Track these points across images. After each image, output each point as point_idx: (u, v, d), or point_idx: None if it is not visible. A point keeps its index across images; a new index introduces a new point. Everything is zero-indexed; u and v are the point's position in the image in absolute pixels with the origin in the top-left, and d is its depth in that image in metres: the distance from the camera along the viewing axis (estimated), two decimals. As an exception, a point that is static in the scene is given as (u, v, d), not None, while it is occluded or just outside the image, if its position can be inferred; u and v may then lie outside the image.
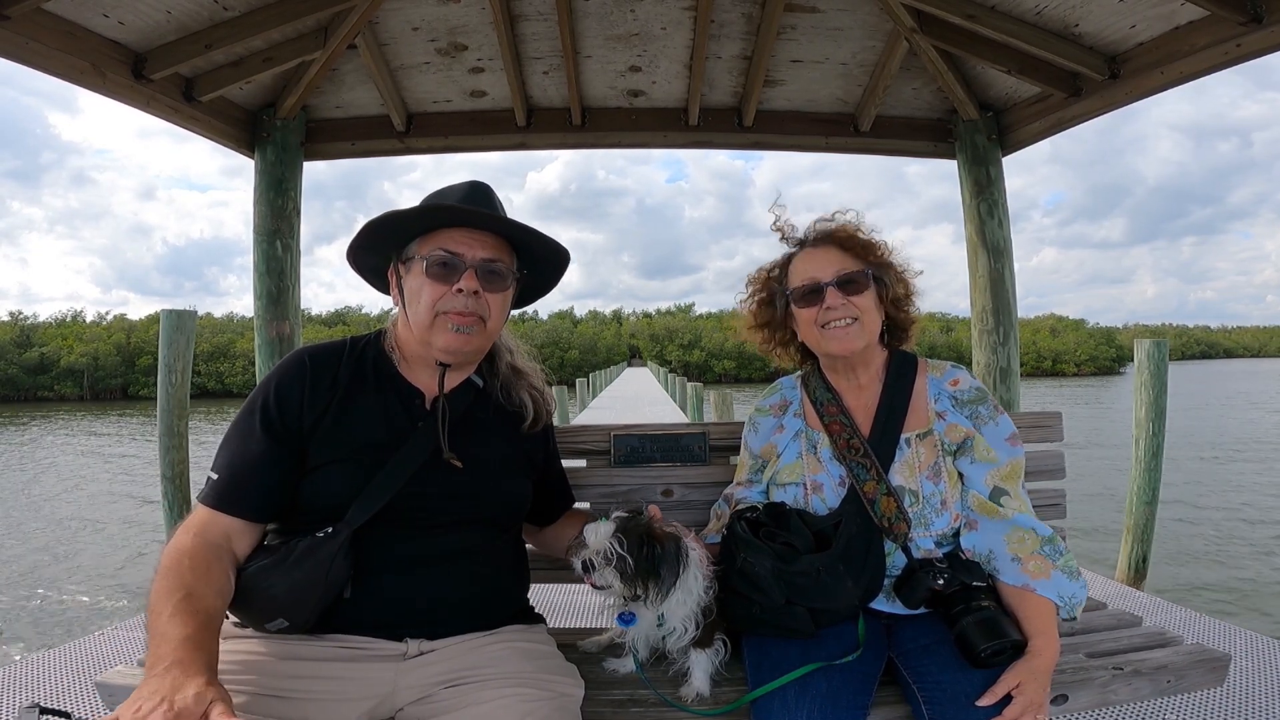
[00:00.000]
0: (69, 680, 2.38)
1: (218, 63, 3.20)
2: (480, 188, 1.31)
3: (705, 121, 3.91)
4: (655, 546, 1.23)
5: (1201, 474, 11.57)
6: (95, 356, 65.25)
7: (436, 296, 1.24)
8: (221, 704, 0.86)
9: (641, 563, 1.21)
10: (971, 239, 3.82)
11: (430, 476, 1.23)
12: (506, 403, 1.41)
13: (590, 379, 25.39)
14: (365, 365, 1.31)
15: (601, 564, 1.22)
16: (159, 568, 1.06)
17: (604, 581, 1.23)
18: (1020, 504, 1.33)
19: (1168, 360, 4.46)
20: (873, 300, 1.44)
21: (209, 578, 1.06)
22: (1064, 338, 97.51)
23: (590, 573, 1.23)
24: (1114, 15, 2.93)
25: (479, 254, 1.26)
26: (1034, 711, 1.11)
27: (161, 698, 0.84)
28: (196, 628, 0.96)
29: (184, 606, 0.98)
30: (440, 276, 1.24)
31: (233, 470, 1.17)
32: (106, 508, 10.34)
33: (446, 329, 1.25)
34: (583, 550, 1.24)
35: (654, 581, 1.22)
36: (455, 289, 1.24)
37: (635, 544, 1.21)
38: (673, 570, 1.23)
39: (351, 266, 1.36)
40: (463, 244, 1.25)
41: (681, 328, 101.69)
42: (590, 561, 1.23)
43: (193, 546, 1.08)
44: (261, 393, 1.23)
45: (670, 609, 1.28)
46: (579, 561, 1.24)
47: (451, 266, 1.24)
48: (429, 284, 1.24)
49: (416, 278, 1.26)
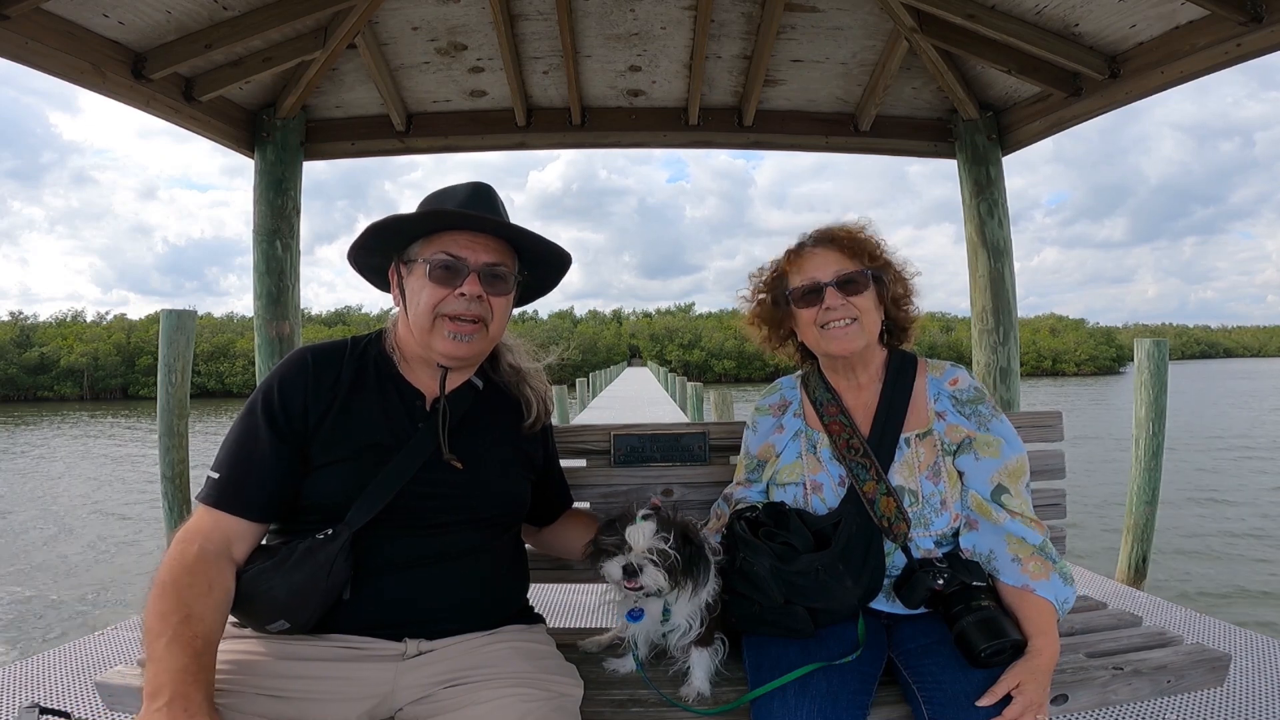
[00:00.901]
0: (69, 680, 2.38)
1: (218, 63, 3.20)
2: (483, 190, 1.31)
3: (705, 121, 3.91)
4: (694, 545, 1.23)
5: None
6: (95, 356, 65.25)
7: (438, 299, 1.24)
8: None
9: (686, 558, 1.20)
10: (971, 239, 3.82)
11: (430, 477, 1.23)
12: (506, 402, 1.41)
13: (590, 379, 25.38)
14: (367, 365, 1.31)
15: (648, 565, 1.19)
16: (157, 581, 1.05)
17: (651, 582, 1.20)
18: (1021, 503, 1.33)
19: (1168, 360, 4.46)
20: (872, 300, 1.44)
21: (210, 597, 1.05)
22: (1064, 337, 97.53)
23: (636, 576, 1.20)
24: (1114, 15, 2.92)
25: (482, 258, 1.26)
26: (1034, 711, 1.11)
27: None
28: (194, 656, 0.96)
29: (183, 632, 0.98)
30: (443, 280, 1.24)
31: (234, 468, 1.16)
32: (106, 507, 10.34)
33: (445, 335, 1.25)
34: (628, 554, 1.21)
35: (695, 575, 1.22)
36: (458, 293, 1.24)
37: (680, 540, 1.21)
38: (709, 562, 1.24)
39: (352, 266, 1.36)
40: (466, 248, 1.25)
41: (681, 327, 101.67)
42: (637, 565, 1.20)
43: (194, 560, 1.07)
44: (264, 391, 1.23)
45: (677, 605, 1.28)
46: (619, 566, 1.21)
47: (454, 270, 1.24)
48: (431, 287, 1.24)
49: (418, 280, 1.26)
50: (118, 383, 65.62)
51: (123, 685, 1.29)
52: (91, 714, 2.11)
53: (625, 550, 1.22)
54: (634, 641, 1.39)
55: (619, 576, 1.22)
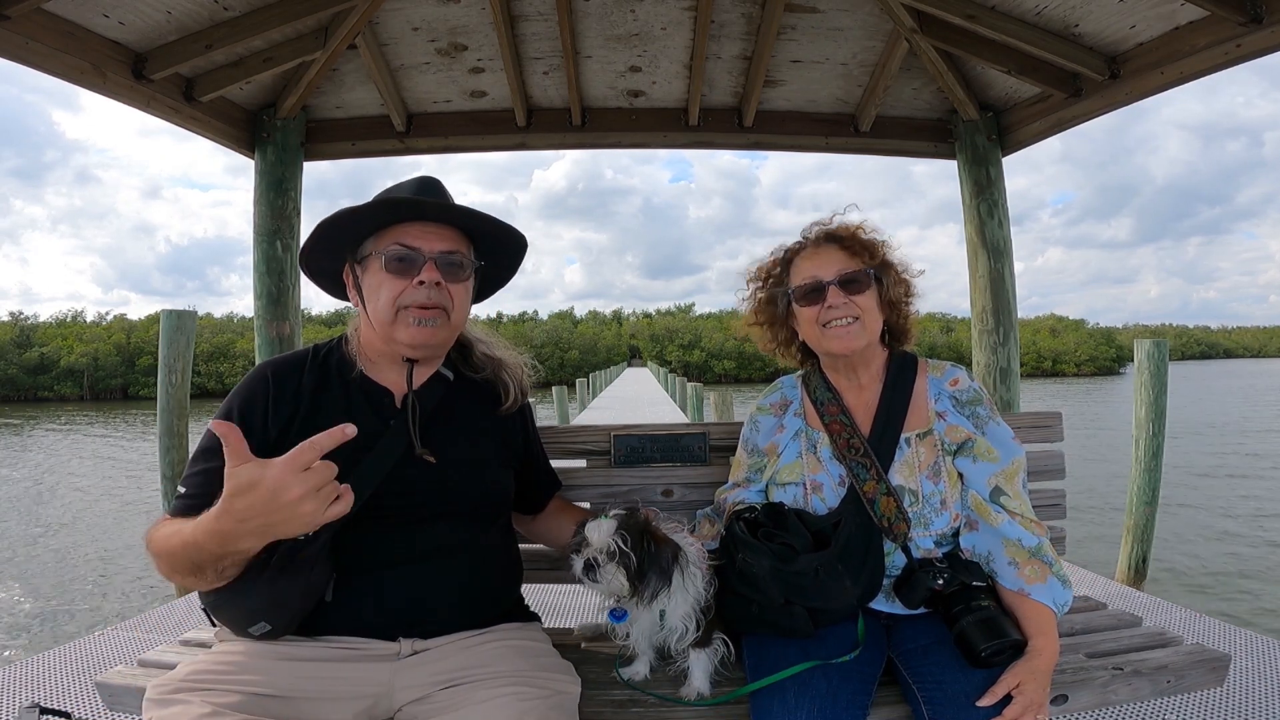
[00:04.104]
0: (69, 680, 2.38)
1: (218, 63, 3.20)
2: (430, 182, 1.30)
3: (705, 122, 3.92)
4: (654, 544, 1.23)
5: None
6: (95, 357, 65.29)
7: (397, 291, 1.23)
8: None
9: (644, 559, 1.20)
10: (971, 239, 3.82)
11: (406, 474, 1.23)
12: (480, 392, 1.41)
13: (590, 379, 25.38)
14: (329, 371, 1.31)
15: (606, 561, 1.20)
16: (154, 547, 1.09)
17: (610, 580, 1.20)
18: (1020, 504, 1.33)
19: (1168, 360, 4.46)
20: (874, 300, 1.44)
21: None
22: (1064, 338, 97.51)
23: (595, 571, 1.21)
24: (1114, 15, 2.93)
25: (436, 246, 1.25)
26: (1034, 711, 1.11)
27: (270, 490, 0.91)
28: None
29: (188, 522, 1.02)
30: (400, 271, 1.23)
31: (200, 486, 1.15)
32: (106, 507, 10.33)
33: (409, 323, 1.24)
34: (586, 549, 1.23)
35: (652, 580, 1.21)
36: (416, 282, 1.23)
37: (637, 540, 1.21)
38: (667, 570, 1.23)
39: (304, 271, 1.35)
40: (419, 238, 1.24)
41: (682, 328, 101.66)
42: (595, 559, 1.21)
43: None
44: (225, 409, 1.23)
45: (670, 608, 1.28)
46: (581, 561, 1.23)
47: (410, 260, 1.23)
48: (389, 279, 1.23)
49: (375, 275, 1.25)
50: (118, 383, 65.64)
51: (123, 685, 1.29)
52: (91, 714, 2.11)
53: (585, 546, 1.23)
54: (635, 643, 1.39)
55: (580, 570, 1.23)
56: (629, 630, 1.34)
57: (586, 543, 1.23)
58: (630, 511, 1.27)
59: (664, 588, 1.23)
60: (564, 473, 1.72)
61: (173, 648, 1.51)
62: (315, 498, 0.92)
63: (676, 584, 1.25)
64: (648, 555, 1.22)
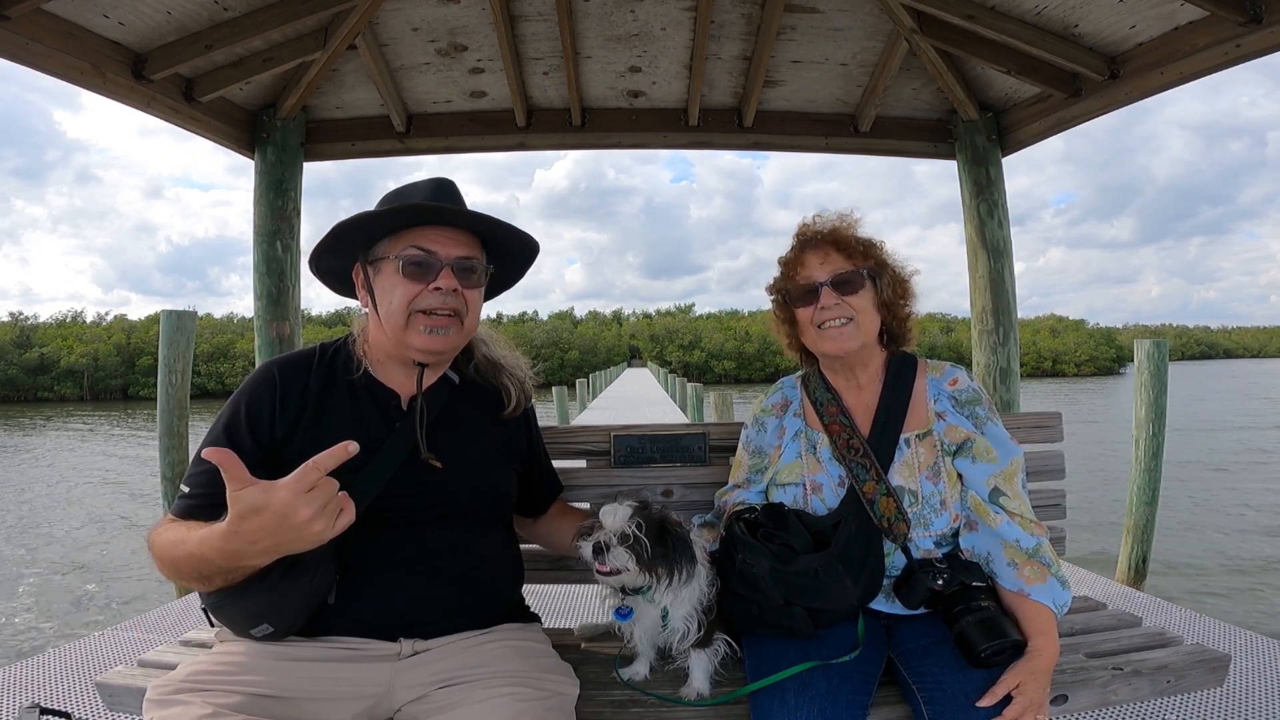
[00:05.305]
0: (69, 680, 2.38)
1: (218, 63, 3.20)
2: (445, 185, 1.30)
3: (705, 122, 3.92)
4: (672, 537, 1.22)
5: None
6: (95, 357, 65.33)
7: (411, 295, 1.23)
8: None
9: (658, 550, 1.20)
10: (971, 239, 3.82)
11: (411, 476, 1.22)
12: (484, 395, 1.41)
13: (590, 379, 25.37)
14: (336, 371, 1.30)
15: (616, 545, 1.19)
16: (156, 550, 1.09)
17: (618, 563, 1.19)
18: (1019, 504, 1.33)
19: (1168, 360, 4.46)
20: (869, 300, 1.44)
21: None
22: (1064, 338, 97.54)
23: (604, 554, 1.20)
24: (1114, 15, 2.93)
25: (453, 251, 1.25)
26: (1034, 711, 1.11)
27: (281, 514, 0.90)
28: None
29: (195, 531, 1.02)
30: (416, 275, 1.23)
31: (203, 486, 1.14)
32: (105, 507, 10.33)
33: (421, 331, 1.24)
34: (598, 532, 1.21)
35: (669, 571, 1.21)
36: (433, 287, 1.23)
37: (654, 530, 1.21)
38: (689, 563, 1.23)
39: (313, 270, 1.34)
40: (436, 242, 1.24)
41: (682, 328, 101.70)
42: (605, 543, 1.20)
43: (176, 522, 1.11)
44: (232, 407, 1.22)
45: (674, 606, 1.28)
46: (589, 545, 1.21)
47: (427, 265, 1.23)
48: (404, 283, 1.23)
49: (389, 277, 1.24)
50: (118, 383, 65.68)
51: (123, 685, 1.29)
52: (91, 714, 2.11)
53: (598, 529, 1.22)
54: (636, 643, 1.39)
55: (589, 555, 1.22)
56: (632, 629, 1.34)
57: (599, 525, 1.22)
58: (644, 503, 1.26)
59: (691, 573, 1.22)
60: (564, 473, 1.72)
61: (173, 648, 1.51)
62: (324, 516, 0.92)
63: (679, 582, 1.25)
64: (674, 542, 1.21)
